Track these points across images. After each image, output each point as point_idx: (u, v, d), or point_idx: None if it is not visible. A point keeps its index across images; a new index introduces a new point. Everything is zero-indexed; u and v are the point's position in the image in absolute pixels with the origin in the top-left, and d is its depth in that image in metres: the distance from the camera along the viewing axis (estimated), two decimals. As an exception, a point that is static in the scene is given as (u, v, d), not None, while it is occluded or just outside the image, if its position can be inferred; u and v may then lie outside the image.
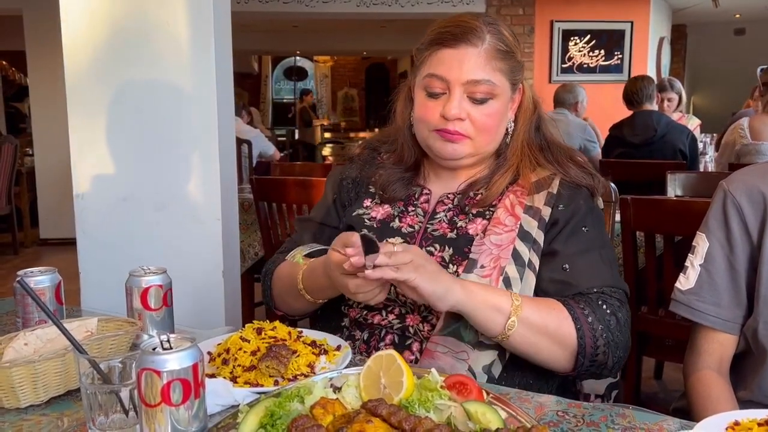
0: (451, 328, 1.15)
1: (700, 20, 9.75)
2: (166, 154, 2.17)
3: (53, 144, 6.10)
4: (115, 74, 2.15)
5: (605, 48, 7.21)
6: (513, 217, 1.21)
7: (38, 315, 1.15)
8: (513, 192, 1.25)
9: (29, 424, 0.92)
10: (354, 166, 1.41)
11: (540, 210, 1.22)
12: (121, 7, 2.12)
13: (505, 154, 1.29)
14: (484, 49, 1.19)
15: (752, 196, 1.12)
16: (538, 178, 1.25)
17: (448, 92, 1.20)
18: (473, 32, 1.19)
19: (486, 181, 1.27)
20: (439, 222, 1.26)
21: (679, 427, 0.89)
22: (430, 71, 1.21)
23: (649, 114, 3.86)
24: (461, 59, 1.18)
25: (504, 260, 1.17)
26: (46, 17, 5.89)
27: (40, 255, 6.14)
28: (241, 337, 1.09)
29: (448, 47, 1.19)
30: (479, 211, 1.25)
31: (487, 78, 1.19)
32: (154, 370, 0.77)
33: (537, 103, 1.31)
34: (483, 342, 1.15)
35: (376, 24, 9.58)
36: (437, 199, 1.30)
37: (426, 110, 1.23)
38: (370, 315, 1.25)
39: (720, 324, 1.14)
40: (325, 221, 1.39)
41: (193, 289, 2.11)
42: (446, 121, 1.20)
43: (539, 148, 1.28)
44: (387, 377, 0.87)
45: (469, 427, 0.80)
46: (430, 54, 1.22)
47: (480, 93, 1.19)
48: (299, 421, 0.77)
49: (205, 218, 2.18)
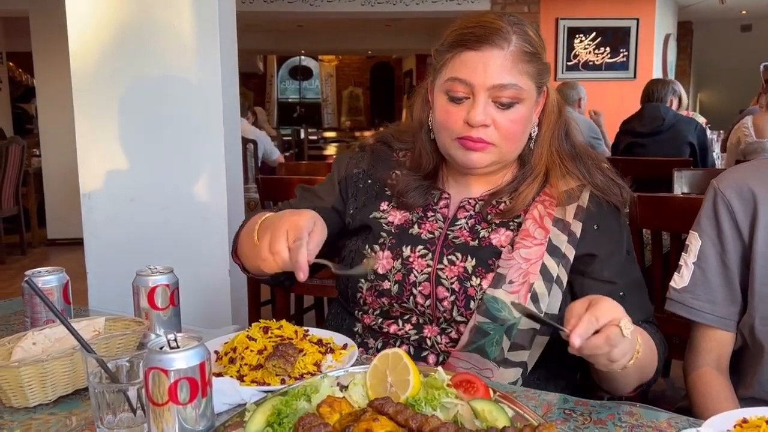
0: (477, 344, 1.12)
1: (707, 17, 9.70)
2: (172, 154, 2.18)
3: (60, 145, 6.12)
4: (120, 75, 2.16)
5: (611, 45, 7.18)
6: (542, 229, 1.17)
7: (46, 314, 1.16)
8: (541, 202, 1.20)
9: (38, 423, 0.92)
10: (365, 156, 1.36)
11: (570, 224, 1.18)
12: (127, 8, 2.13)
13: (531, 161, 1.23)
14: (510, 52, 1.12)
15: (742, 194, 1.12)
16: (568, 187, 1.20)
17: (471, 97, 1.14)
18: (498, 33, 1.12)
19: (511, 191, 1.22)
20: (460, 229, 1.22)
21: (686, 425, 0.89)
22: (452, 75, 1.14)
23: (656, 106, 3.94)
24: (486, 62, 1.12)
25: (533, 276, 1.13)
26: (53, 18, 5.90)
27: (47, 255, 6.17)
28: (248, 336, 1.09)
29: (472, 49, 1.13)
30: (503, 221, 1.21)
31: (514, 82, 1.13)
32: (162, 369, 0.77)
33: (561, 106, 1.25)
34: (509, 359, 1.13)
35: (381, 23, 9.57)
36: (457, 204, 1.25)
37: (448, 116, 1.16)
38: (386, 323, 1.22)
39: (715, 321, 1.15)
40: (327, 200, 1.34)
41: (199, 289, 2.11)
42: (470, 127, 1.14)
43: (569, 155, 1.23)
44: (394, 376, 0.87)
45: (476, 425, 0.80)
46: (452, 56, 1.15)
47: (506, 98, 1.13)
48: (306, 420, 0.77)
49: (211, 218, 2.19)
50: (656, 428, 0.89)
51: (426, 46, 6.77)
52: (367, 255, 1.23)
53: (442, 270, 1.18)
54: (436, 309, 1.17)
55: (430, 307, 1.17)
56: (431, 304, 1.17)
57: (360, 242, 1.27)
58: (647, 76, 6.68)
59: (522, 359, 1.15)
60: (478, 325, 1.13)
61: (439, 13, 7.46)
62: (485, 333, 1.12)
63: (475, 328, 1.12)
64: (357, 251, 1.26)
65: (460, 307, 1.15)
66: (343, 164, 1.37)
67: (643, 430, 0.89)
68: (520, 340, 1.14)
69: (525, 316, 1.05)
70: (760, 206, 1.10)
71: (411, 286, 1.18)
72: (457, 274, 1.17)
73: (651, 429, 0.89)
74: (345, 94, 15.61)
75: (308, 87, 15.86)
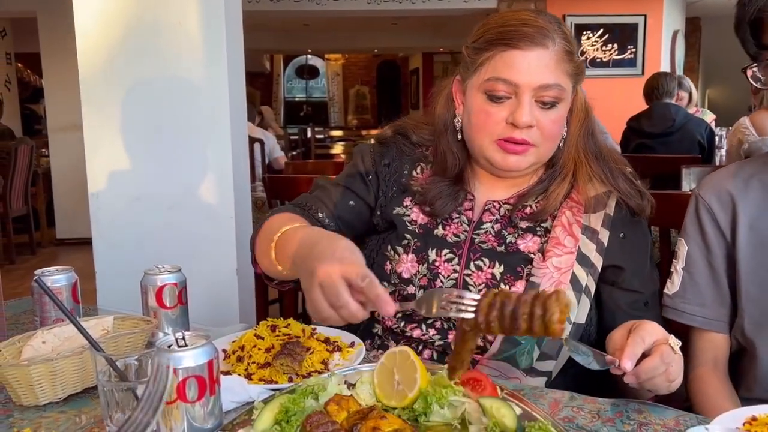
0: (508, 353, 1.11)
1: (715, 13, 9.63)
2: (179, 153, 2.19)
3: (69, 145, 6.16)
4: (128, 75, 2.17)
5: (618, 42, 7.14)
6: (572, 237, 1.15)
7: (55, 314, 1.16)
8: (569, 208, 1.18)
9: (48, 421, 0.93)
10: (390, 149, 1.29)
11: (598, 232, 1.16)
12: (134, 8, 2.14)
13: (560, 161, 1.21)
14: (555, 51, 1.10)
15: (721, 197, 1.14)
16: (596, 192, 1.18)
17: (514, 97, 1.11)
18: (543, 32, 1.10)
19: (539, 192, 1.20)
20: (486, 233, 1.19)
21: (695, 423, 0.88)
22: (494, 74, 1.11)
23: (666, 105, 3.90)
24: (531, 62, 1.09)
25: (564, 285, 1.12)
26: (61, 19, 5.92)
27: (56, 255, 6.21)
28: (256, 334, 1.09)
29: (517, 48, 1.09)
30: (529, 226, 1.19)
31: (557, 82, 1.11)
32: (170, 367, 0.77)
33: (588, 107, 1.23)
34: (536, 368, 1.12)
35: (388, 21, 9.57)
36: (482, 206, 1.22)
37: (487, 117, 1.13)
38: (408, 327, 1.18)
39: (707, 323, 1.16)
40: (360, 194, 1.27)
41: (207, 287, 2.12)
42: (512, 128, 1.11)
43: (594, 155, 1.20)
44: (401, 373, 0.87)
45: (484, 421, 0.80)
46: (492, 55, 1.11)
47: (549, 97, 1.11)
48: (314, 418, 0.78)
49: (218, 217, 2.20)
50: (664, 426, 0.89)
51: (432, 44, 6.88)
52: (390, 257, 1.20)
53: (469, 276, 1.16)
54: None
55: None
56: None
57: (382, 242, 1.24)
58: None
59: (548, 369, 1.14)
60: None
61: (445, 11, 7.44)
62: (517, 343, 1.11)
63: (508, 337, 1.11)
64: (379, 252, 1.23)
65: None
66: (368, 157, 1.30)
67: (651, 427, 0.88)
68: (548, 350, 1.13)
69: (574, 351, 0.97)
70: (738, 208, 1.12)
71: None
72: (485, 281, 1.15)
73: (659, 427, 0.89)
74: (351, 93, 15.61)
75: (315, 86, 15.88)
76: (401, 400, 0.86)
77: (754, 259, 1.11)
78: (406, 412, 0.85)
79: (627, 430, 0.88)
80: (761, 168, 1.15)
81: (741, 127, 3.73)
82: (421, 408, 0.84)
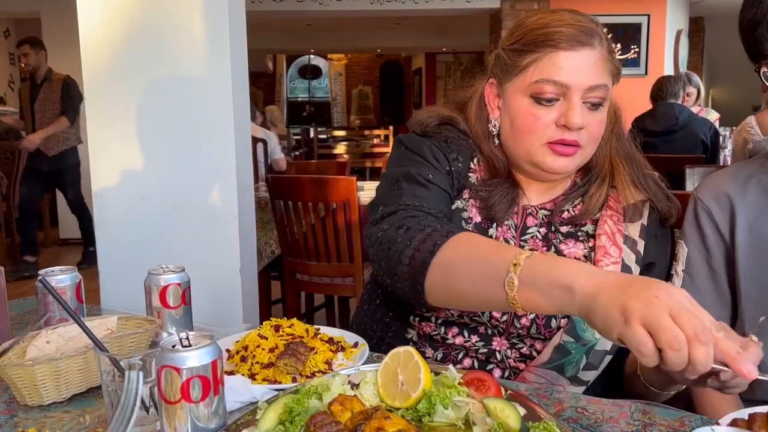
0: (558, 362, 1.11)
1: (718, 12, 9.61)
2: (182, 153, 2.19)
3: (72, 145, 6.15)
4: (131, 75, 2.17)
5: (622, 42, 7.14)
6: (616, 247, 1.15)
7: (59, 313, 1.17)
8: (609, 217, 1.18)
9: (52, 421, 0.93)
10: (448, 144, 1.20)
11: (636, 242, 1.17)
12: (137, 8, 2.14)
13: (594, 163, 1.20)
14: (600, 51, 1.10)
15: (719, 199, 1.15)
16: (634, 200, 1.17)
17: (563, 99, 1.10)
18: (590, 33, 1.09)
19: (577, 196, 1.20)
20: (533, 238, 1.18)
21: (700, 423, 0.88)
22: (542, 76, 1.09)
23: (670, 105, 3.93)
24: (580, 63, 1.08)
25: None
26: (64, 19, 5.94)
27: (60, 254, 6.22)
28: (259, 334, 1.09)
29: (565, 49, 1.08)
30: (570, 231, 1.18)
31: (604, 82, 1.10)
32: (174, 367, 0.77)
33: (617, 108, 1.22)
34: (579, 378, 1.12)
35: (390, 21, 9.57)
36: (524, 211, 1.20)
37: (535, 120, 1.11)
38: (450, 333, 1.16)
39: None
40: (447, 190, 1.18)
41: (211, 287, 2.12)
42: (563, 130, 1.10)
43: (626, 159, 1.20)
44: (404, 374, 0.87)
45: (488, 422, 0.80)
46: (540, 57, 1.10)
47: (596, 98, 1.10)
48: (317, 418, 0.77)
49: (222, 217, 2.20)
50: (669, 426, 0.88)
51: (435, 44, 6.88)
52: None
53: None
54: (511, 324, 1.14)
55: (505, 322, 1.14)
56: (507, 320, 1.14)
57: None
58: (659, 73, 6.63)
59: (589, 378, 1.14)
60: (562, 344, 1.11)
61: (448, 11, 7.44)
62: (567, 352, 1.11)
63: (559, 346, 1.11)
64: None
65: (540, 325, 1.13)
66: (437, 150, 1.19)
67: (656, 428, 0.88)
68: (593, 360, 1.13)
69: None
70: (737, 209, 1.12)
71: None
72: None
73: (664, 427, 0.88)
74: (354, 93, 15.62)
75: (317, 86, 15.89)
76: (405, 400, 0.86)
77: (753, 260, 1.10)
78: (410, 413, 0.85)
79: (632, 430, 0.88)
80: (760, 169, 1.14)
81: (747, 126, 3.73)
82: (425, 408, 0.84)
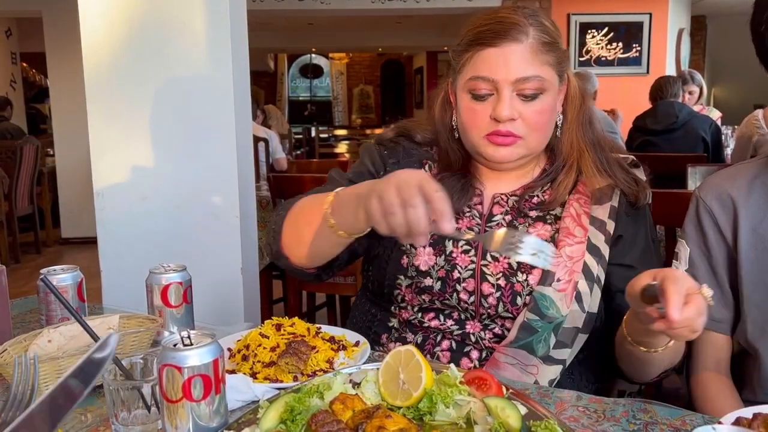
0: (525, 341, 1.13)
1: (720, 11, 9.60)
2: (184, 152, 2.19)
3: (74, 144, 6.18)
4: (133, 74, 2.17)
5: (623, 41, 7.12)
6: (581, 228, 1.18)
7: (61, 312, 1.17)
8: (576, 200, 1.21)
9: (54, 420, 0.93)
10: (397, 148, 1.31)
11: (605, 223, 1.19)
12: (139, 7, 2.14)
13: (562, 151, 1.23)
14: (529, 44, 1.13)
15: (722, 200, 1.14)
16: (599, 185, 1.20)
17: (495, 93, 1.14)
18: (516, 27, 1.13)
19: (546, 183, 1.23)
20: (498, 225, 1.22)
21: (701, 422, 0.88)
22: (474, 74, 1.15)
23: (670, 103, 3.94)
24: (507, 57, 1.13)
25: (577, 274, 1.14)
26: (66, 19, 5.95)
27: (62, 254, 6.23)
28: (261, 333, 1.09)
29: (491, 46, 1.13)
30: (539, 215, 1.22)
31: (536, 74, 1.13)
32: (175, 366, 0.77)
33: (584, 94, 1.26)
34: (552, 356, 1.14)
35: (392, 20, 9.56)
36: (491, 199, 1.25)
37: (473, 114, 1.17)
38: (426, 317, 1.21)
39: (710, 325, 1.15)
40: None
41: (212, 286, 2.12)
42: (497, 123, 1.15)
43: (593, 144, 1.23)
44: (406, 373, 0.87)
45: (489, 421, 0.80)
46: (471, 55, 1.16)
47: (529, 89, 1.14)
48: (319, 417, 0.78)
49: (223, 216, 2.20)
50: (671, 425, 0.88)
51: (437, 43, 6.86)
52: (407, 251, 1.21)
53: (486, 266, 1.17)
54: (480, 305, 1.16)
55: (473, 304, 1.17)
56: (475, 301, 1.17)
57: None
58: (660, 72, 6.62)
59: (563, 357, 1.15)
60: (527, 322, 1.13)
61: (449, 10, 7.44)
62: (533, 330, 1.12)
63: (524, 324, 1.13)
64: (394, 247, 1.23)
65: (506, 302, 1.15)
66: (376, 157, 1.32)
67: (657, 427, 0.88)
68: (564, 338, 1.14)
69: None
70: (739, 211, 1.11)
71: (455, 282, 1.17)
72: (502, 270, 1.16)
73: (665, 426, 0.88)
74: (355, 92, 15.61)
75: (319, 85, 15.89)
76: (406, 399, 0.86)
77: (757, 263, 1.10)
78: (411, 411, 0.85)
79: (633, 429, 0.88)
80: (764, 170, 1.14)
81: (753, 120, 3.74)
82: (426, 407, 0.84)
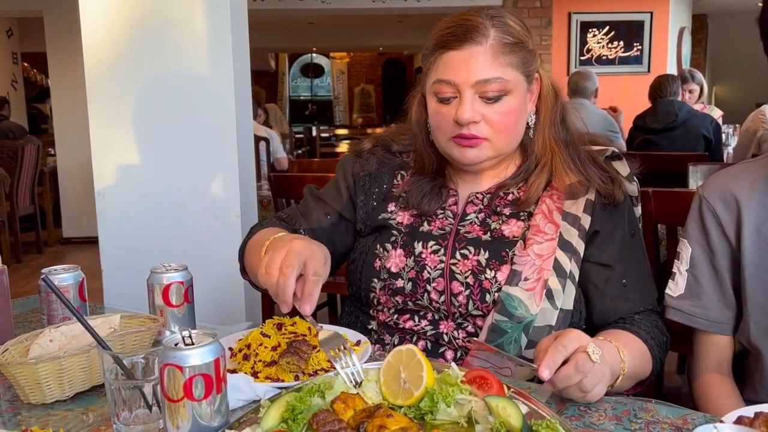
0: (495, 342, 1.12)
1: (721, 9, 9.59)
2: (185, 152, 2.19)
3: (75, 144, 6.18)
4: (133, 74, 2.17)
5: (624, 39, 7.12)
6: (552, 224, 1.17)
7: (62, 312, 1.17)
8: (549, 196, 1.20)
9: (55, 419, 0.93)
10: (371, 159, 1.35)
11: (579, 218, 1.18)
12: (139, 7, 2.14)
13: (535, 151, 1.23)
14: (490, 46, 1.13)
15: (725, 199, 1.13)
16: (572, 182, 1.19)
17: (458, 96, 1.15)
18: (476, 30, 1.13)
19: (519, 182, 1.23)
20: (471, 224, 1.22)
21: (703, 421, 0.88)
22: (437, 77, 1.16)
23: (670, 102, 3.94)
24: (467, 60, 1.13)
25: (547, 272, 1.14)
26: (67, 19, 5.95)
27: (63, 253, 6.23)
28: (262, 332, 1.09)
29: (453, 49, 1.14)
30: (513, 212, 1.21)
31: (497, 75, 1.13)
32: (177, 365, 0.77)
33: (558, 91, 1.25)
34: (525, 357, 1.13)
35: (393, 19, 9.55)
36: (465, 199, 1.26)
37: (440, 117, 1.18)
38: (401, 319, 1.22)
39: (712, 326, 1.16)
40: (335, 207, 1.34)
41: (213, 286, 2.12)
42: (460, 126, 1.15)
43: (564, 143, 1.22)
44: (407, 372, 0.87)
45: (490, 420, 0.80)
46: (435, 59, 1.17)
47: (492, 91, 1.13)
48: (320, 416, 0.78)
49: (224, 215, 2.20)
50: (672, 424, 0.88)
51: (437, 42, 6.55)
52: (379, 254, 1.23)
53: (455, 265, 1.18)
54: (451, 305, 1.17)
55: (444, 303, 1.17)
56: (446, 300, 1.17)
57: (371, 242, 1.27)
58: (661, 70, 6.62)
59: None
60: (495, 324, 1.13)
61: (450, 9, 7.32)
62: (503, 331, 1.12)
63: (493, 326, 1.12)
64: (368, 251, 1.26)
65: (476, 300, 1.15)
66: (348, 169, 1.36)
67: (659, 426, 0.88)
68: (536, 338, 1.13)
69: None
70: (743, 211, 1.11)
71: (425, 282, 1.18)
72: (471, 268, 1.17)
73: (667, 425, 0.88)
74: (356, 91, 15.60)
75: (320, 84, 15.89)
76: (407, 398, 0.86)
77: (760, 264, 1.09)
78: (412, 411, 0.85)
79: (635, 428, 0.88)
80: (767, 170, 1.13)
81: (759, 115, 3.75)
82: (428, 406, 0.84)
